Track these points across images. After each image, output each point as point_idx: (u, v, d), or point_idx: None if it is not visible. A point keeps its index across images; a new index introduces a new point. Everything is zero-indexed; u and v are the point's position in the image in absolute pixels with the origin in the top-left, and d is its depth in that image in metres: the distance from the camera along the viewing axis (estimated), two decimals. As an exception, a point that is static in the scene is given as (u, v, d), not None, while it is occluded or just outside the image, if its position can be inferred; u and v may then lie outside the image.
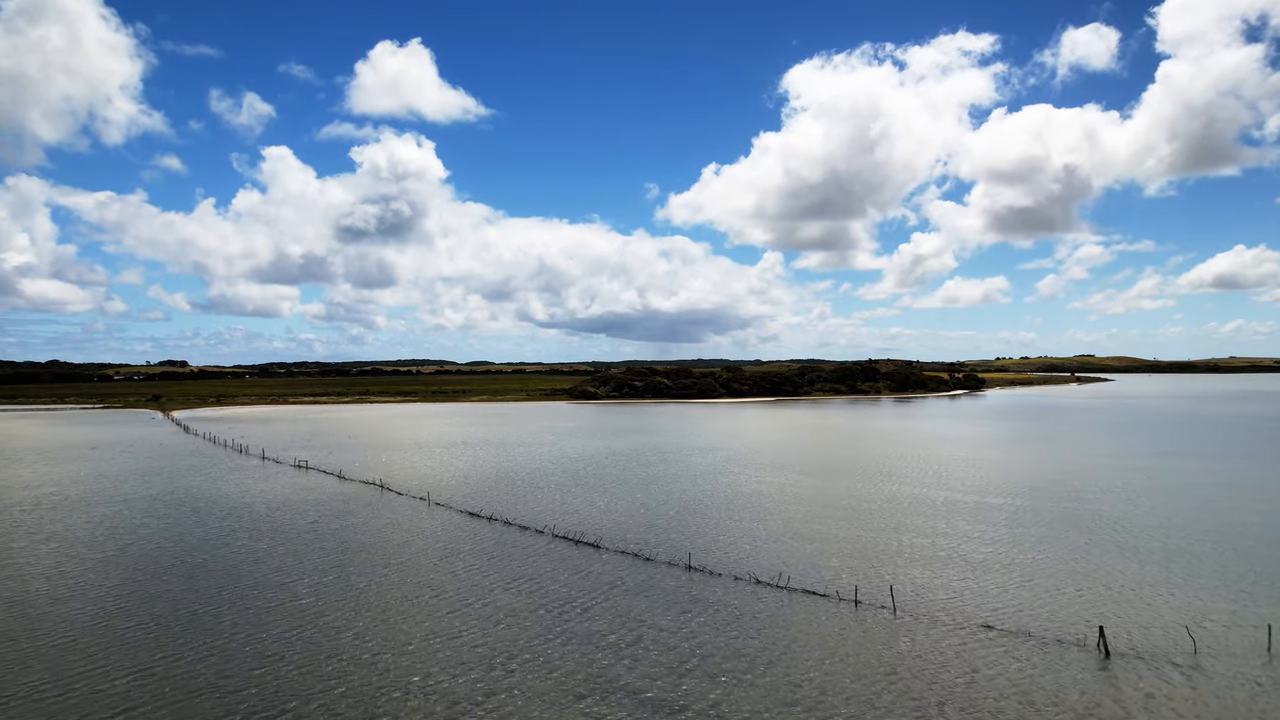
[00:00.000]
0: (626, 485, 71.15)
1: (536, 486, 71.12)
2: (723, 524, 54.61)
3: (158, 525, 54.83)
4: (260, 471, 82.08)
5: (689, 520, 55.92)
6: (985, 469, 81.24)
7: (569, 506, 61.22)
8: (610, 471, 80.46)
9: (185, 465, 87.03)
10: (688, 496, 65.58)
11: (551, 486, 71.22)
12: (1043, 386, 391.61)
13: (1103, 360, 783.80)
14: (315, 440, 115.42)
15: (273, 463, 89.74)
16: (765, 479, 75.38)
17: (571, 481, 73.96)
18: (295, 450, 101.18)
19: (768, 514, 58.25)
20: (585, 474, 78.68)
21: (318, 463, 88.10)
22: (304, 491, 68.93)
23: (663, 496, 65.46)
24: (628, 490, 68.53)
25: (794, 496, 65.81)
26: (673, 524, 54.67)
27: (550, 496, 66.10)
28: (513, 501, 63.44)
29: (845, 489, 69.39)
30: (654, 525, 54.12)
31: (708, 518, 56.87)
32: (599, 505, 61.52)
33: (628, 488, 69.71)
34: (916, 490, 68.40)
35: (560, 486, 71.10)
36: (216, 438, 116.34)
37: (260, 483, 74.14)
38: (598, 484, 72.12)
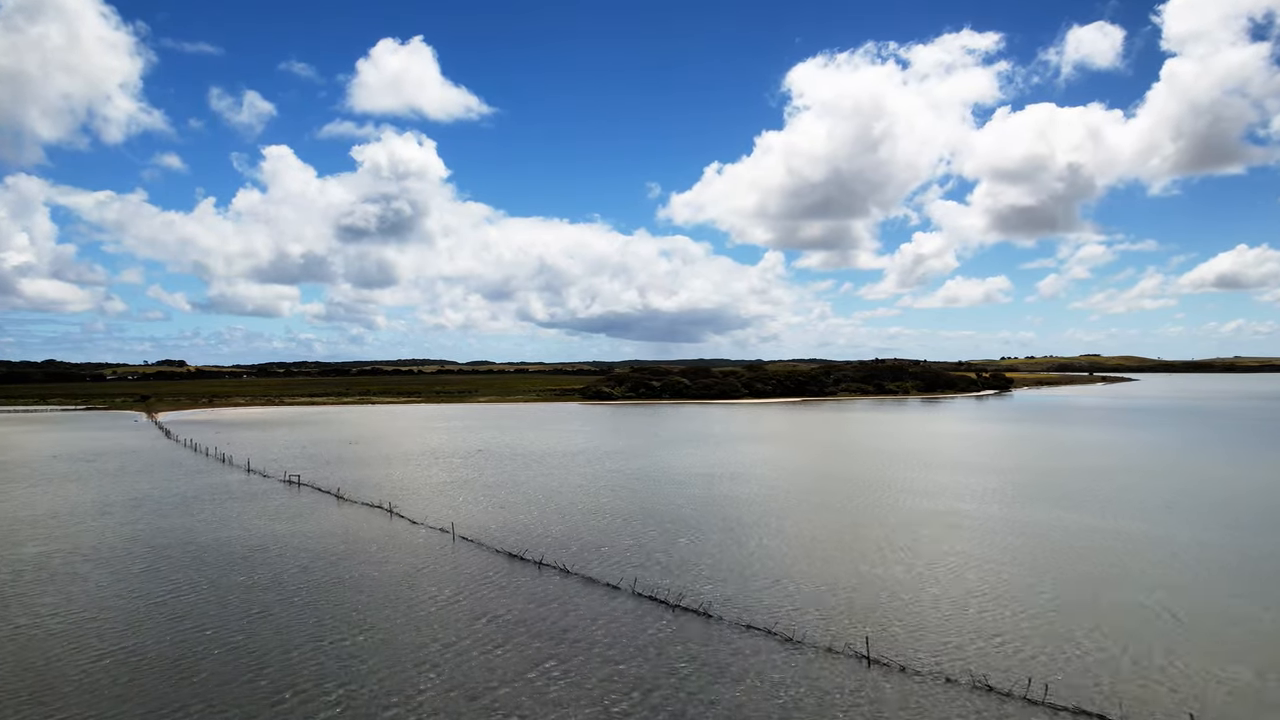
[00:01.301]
0: (715, 521, 54.22)
1: (590, 514, 56.65)
2: (912, 593, 40.34)
3: (88, 592, 40.57)
4: (243, 489, 67.86)
5: (832, 576, 41.62)
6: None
7: (643, 546, 46.85)
8: (682, 498, 64.96)
9: (153, 484, 72.79)
10: (818, 539, 50.61)
11: (607, 514, 56.81)
12: (1069, 386, 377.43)
13: (1109, 359, 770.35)
14: (311, 448, 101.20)
15: (259, 476, 75.50)
16: (940, 521, 61.05)
17: (636, 509, 59.37)
18: (287, 460, 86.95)
19: (998, 592, 43.96)
20: (652, 500, 63.16)
21: (313, 477, 73.87)
22: (294, 519, 54.68)
23: (776, 540, 49.19)
24: (721, 529, 51.63)
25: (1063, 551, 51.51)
26: (808, 580, 40.39)
27: (611, 529, 51.77)
28: (563, 537, 49.15)
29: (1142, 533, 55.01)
30: (779, 584, 39.78)
31: (863, 576, 42.57)
32: (686, 549, 47.12)
33: (718, 525, 52.89)
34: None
35: (621, 514, 56.63)
36: (199, 445, 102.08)
37: (240, 507, 59.87)
38: (670, 515, 57.31)
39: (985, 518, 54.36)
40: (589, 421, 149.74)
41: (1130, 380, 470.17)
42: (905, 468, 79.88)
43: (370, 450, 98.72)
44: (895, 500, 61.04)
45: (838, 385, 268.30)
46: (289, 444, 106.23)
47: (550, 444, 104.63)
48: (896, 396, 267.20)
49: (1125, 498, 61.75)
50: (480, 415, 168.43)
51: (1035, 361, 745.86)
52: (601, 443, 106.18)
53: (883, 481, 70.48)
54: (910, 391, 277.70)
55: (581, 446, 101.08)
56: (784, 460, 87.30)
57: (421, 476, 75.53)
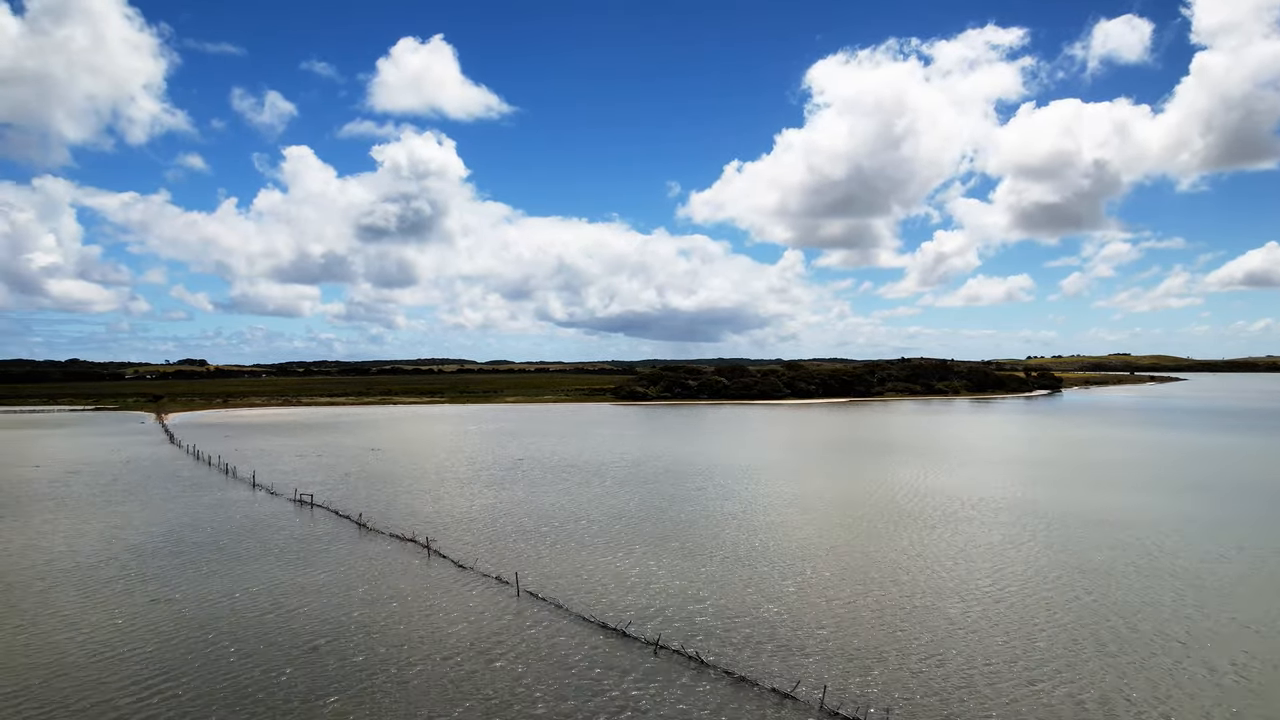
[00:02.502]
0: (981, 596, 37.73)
1: (712, 561, 43.29)
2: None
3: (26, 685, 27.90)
4: (246, 510, 55.24)
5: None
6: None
7: (839, 627, 33.53)
8: (885, 547, 46.42)
9: (135, 510, 60.39)
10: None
11: (737, 560, 43.47)
12: (1117, 386, 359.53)
13: (1141, 359, 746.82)
14: (328, 455, 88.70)
15: (265, 494, 62.94)
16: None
17: (796, 564, 46.13)
18: (300, 471, 74.48)
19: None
20: (839, 561, 45.02)
21: (329, 495, 61.19)
22: (302, 561, 41.86)
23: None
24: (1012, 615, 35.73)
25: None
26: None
27: (762, 588, 38.44)
28: (681, 598, 35.86)
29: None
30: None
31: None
32: (953, 651, 33.39)
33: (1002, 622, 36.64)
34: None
35: (765, 561, 43.37)
36: (202, 452, 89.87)
37: (236, 543, 47.18)
38: (874, 579, 43.46)
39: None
40: (630, 424, 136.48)
41: (1178, 380, 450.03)
42: (1146, 492, 65.93)
43: (395, 459, 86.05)
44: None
45: (883, 385, 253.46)
46: (303, 451, 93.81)
47: (601, 451, 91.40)
48: (945, 397, 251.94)
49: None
50: (509, 417, 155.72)
51: (1064, 361, 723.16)
52: (662, 450, 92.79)
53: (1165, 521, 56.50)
54: (960, 391, 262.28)
55: (639, 454, 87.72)
56: (969, 482, 73.56)
57: (460, 496, 62.56)
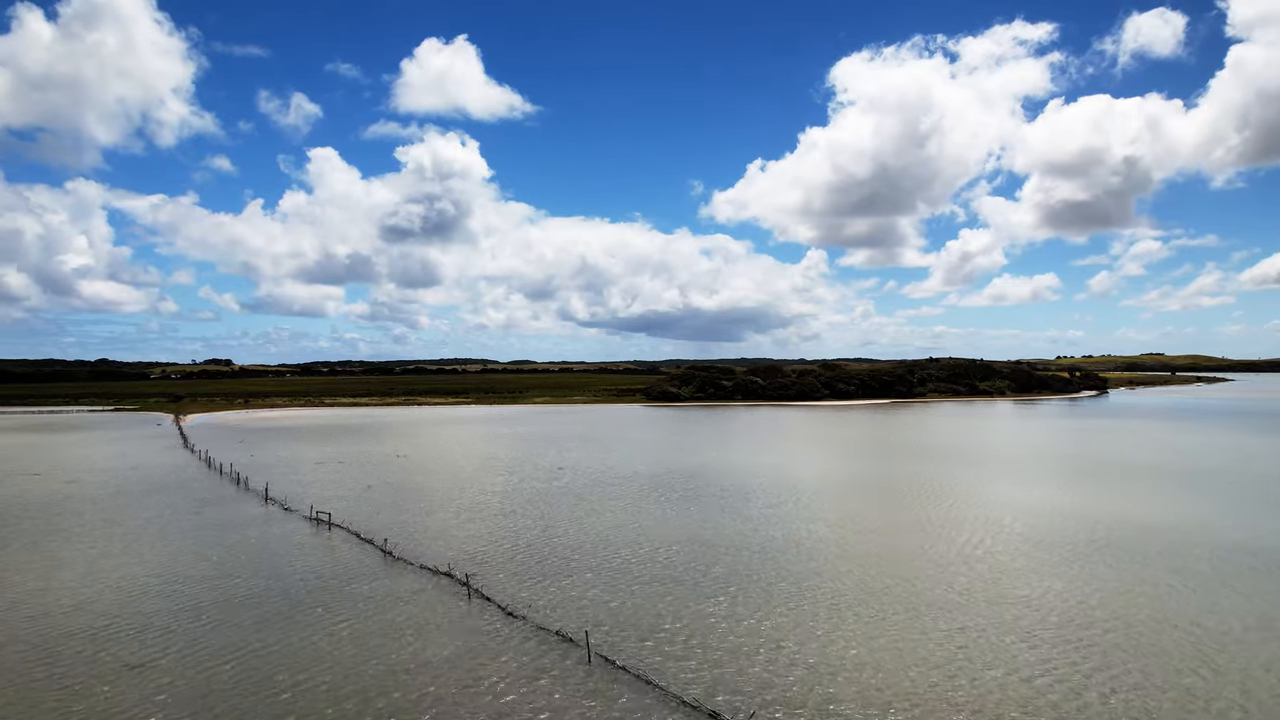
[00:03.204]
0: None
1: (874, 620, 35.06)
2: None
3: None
4: (256, 533, 47.77)
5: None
6: None
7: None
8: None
9: (132, 529, 53.23)
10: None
11: (856, 602, 35.18)
12: (1164, 387, 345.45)
13: (1176, 359, 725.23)
14: (349, 463, 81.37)
15: (278, 510, 55.52)
16: None
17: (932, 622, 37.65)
18: (319, 481, 67.12)
19: None
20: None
21: (350, 512, 53.63)
22: (321, 607, 34.12)
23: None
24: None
25: None
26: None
27: (908, 647, 30.12)
28: (822, 665, 27.63)
29: None
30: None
31: None
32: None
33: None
34: None
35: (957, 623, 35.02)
36: (214, 459, 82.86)
37: (245, 580, 39.59)
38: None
39: None
40: (668, 428, 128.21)
41: (1225, 380, 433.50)
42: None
43: (422, 468, 78.50)
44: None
45: (923, 385, 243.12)
46: (322, 458, 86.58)
47: (647, 459, 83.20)
48: (988, 398, 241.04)
49: None
50: (539, 419, 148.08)
51: (1096, 361, 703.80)
52: (714, 458, 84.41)
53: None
54: (1005, 393, 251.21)
55: (691, 462, 79.37)
56: (1092, 500, 64.75)
57: (499, 514, 54.68)
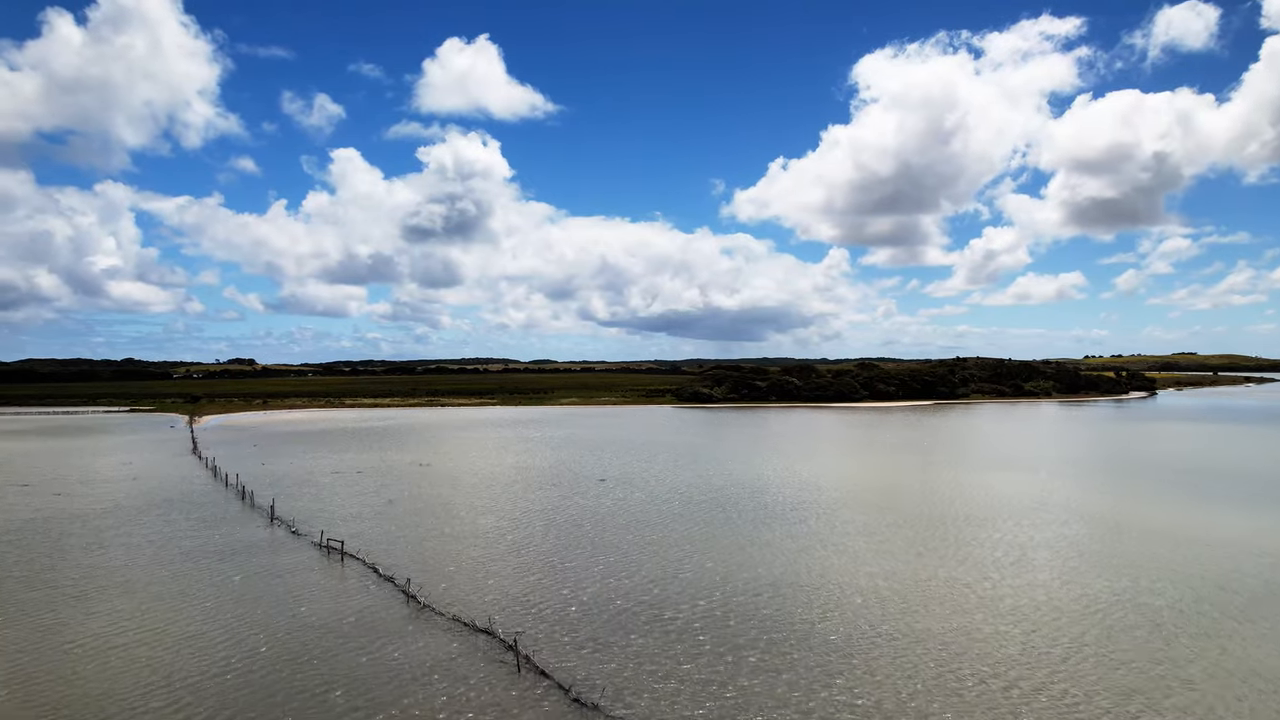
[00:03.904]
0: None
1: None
2: None
3: None
4: (257, 564, 39.94)
5: None
6: None
7: None
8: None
9: (116, 555, 45.70)
10: None
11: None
12: (1213, 388, 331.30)
13: (1211, 358, 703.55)
14: (368, 473, 73.69)
15: (285, 533, 47.76)
16: None
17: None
18: (333, 496, 59.40)
19: None
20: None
21: (366, 536, 45.71)
22: (325, 677, 26.01)
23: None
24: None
25: None
26: None
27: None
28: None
29: None
30: None
31: None
32: None
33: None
34: None
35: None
36: (221, 468, 75.47)
37: (238, 632, 31.67)
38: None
39: None
40: (709, 432, 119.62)
41: (1272, 380, 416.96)
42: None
43: (448, 478, 70.61)
44: None
45: (965, 385, 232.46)
46: (339, 466, 78.97)
47: (701, 470, 74.69)
48: (1034, 399, 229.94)
49: None
50: (568, 422, 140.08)
51: (1127, 360, 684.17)
52: (777, 468, 75.76)
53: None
54: (1051, 393, 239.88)
55: (751, 474, 70.74)
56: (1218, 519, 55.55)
57: (542, 543, 46.46)
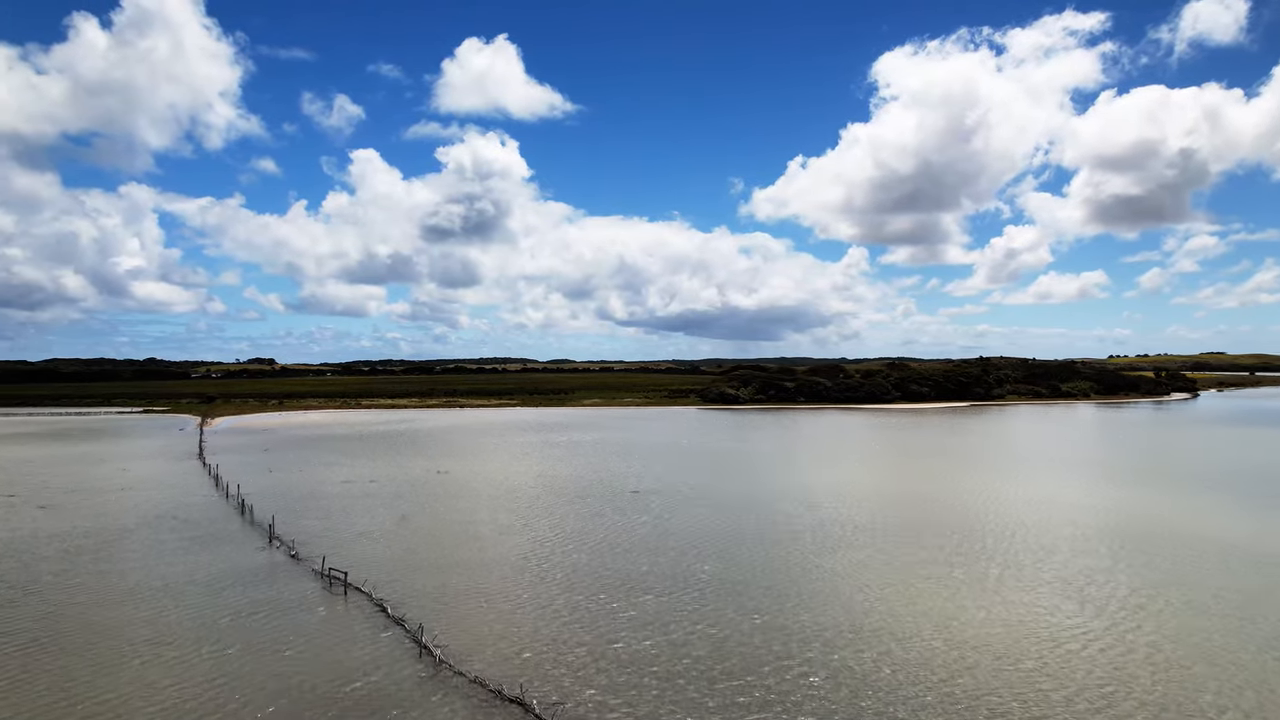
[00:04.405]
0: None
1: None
2: None
3: None
4: (247, 598, 34.19)
5: None
6: None
7: None
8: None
9: (94, 589, 40.18)
10: None
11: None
12: (1255, 389, 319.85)
13: (1244, 358, 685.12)
14: (382, 481, 68.05)
15: (283, 558, 42.05)
16: None
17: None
18: (343, 510, 53.71)
19: None
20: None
21: (375, 561, 39.86)
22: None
23: None
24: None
25: None
26: None
27: None
28: None
29: None
30: None
31: None
32: None
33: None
34: None
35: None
36: (223, 477, 70.12)
37: (221, 688, 25.77)
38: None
39: None
40: (744, 436, 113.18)
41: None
42: None
43: (468, 489, 64.75)
44: None
45: (1000, 386, 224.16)
46: (351, 474, 73.41)
47: (745, 480, 68.35)
48: (1072, 400, 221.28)
49: None
50: (593, 424, 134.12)
51: (1155, 360, 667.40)
52: (832, 478, 69.27)
53: None
54: (1089, 394, 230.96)
55: (802, 486, 64.28)
56: None
57: (578, 570, 40.35)
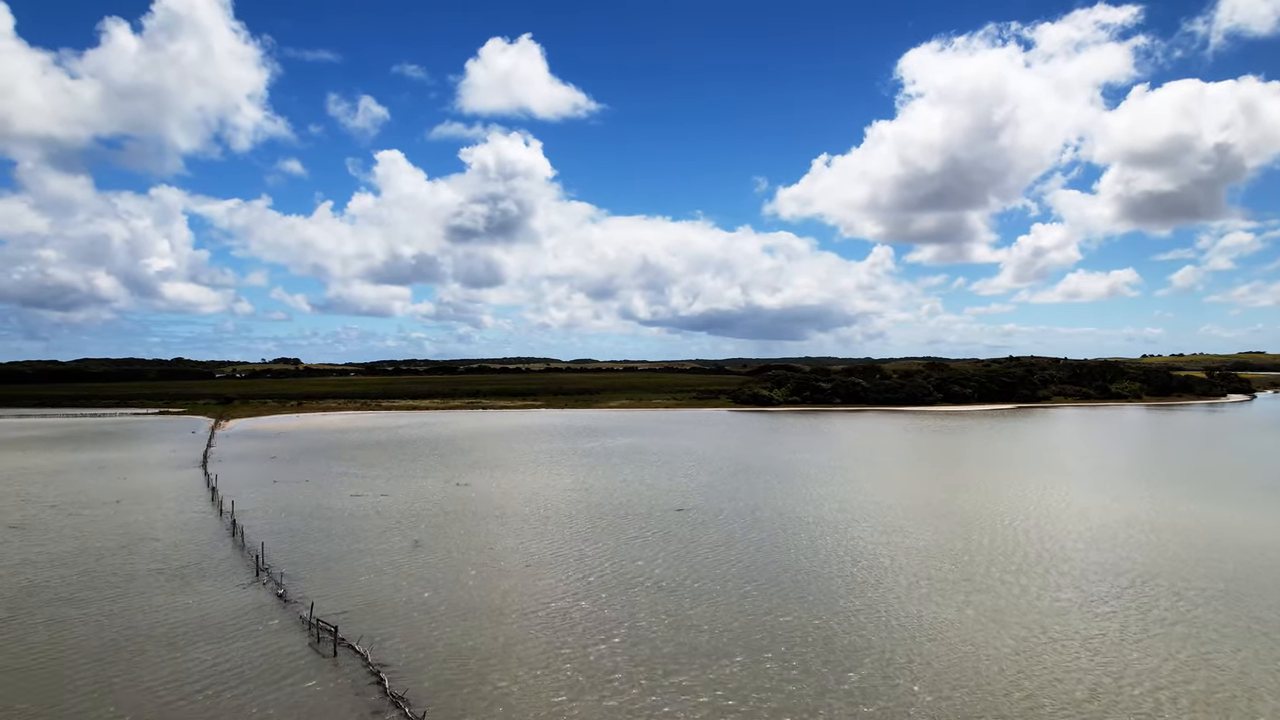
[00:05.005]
0: None
1: None
2: None
3: None
4: (210, 670, 26.89)
5: None
6: None
7: None
8: None
9: (28, 643, 33.05)
10: None
11: None
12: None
13: (1275, 357, 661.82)
14: (395, 497, 60.88)
15: (269, 597, 34.80)
16: None
17: None
18: (349, 531, 46.53)
19: None
20: None
21: (378, 607, 32.43)
22: None
23: None
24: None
25: None
26: None
27: None
28: None
29: None
30: None
31: None
32: None
33: None
34: None
35: None
36: (220, 490, 63.30)
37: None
38: None
39: None
40: (788, 441, 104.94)
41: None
42: None
43: (491, 506, 57.31)
44: None
45: (1046, 387, 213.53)
46: (363, 486, 66.33)
47: (804, 496, 60.29)
48: (1122, 402, 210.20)
49: None
50: (623, 428, 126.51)
51: (1189, 360, 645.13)
52: (905, 492, 60.98)
53: None
54: (1140, 396, 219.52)
55: (881, 505, 56.10)
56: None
57: (623, 622, 32.64)
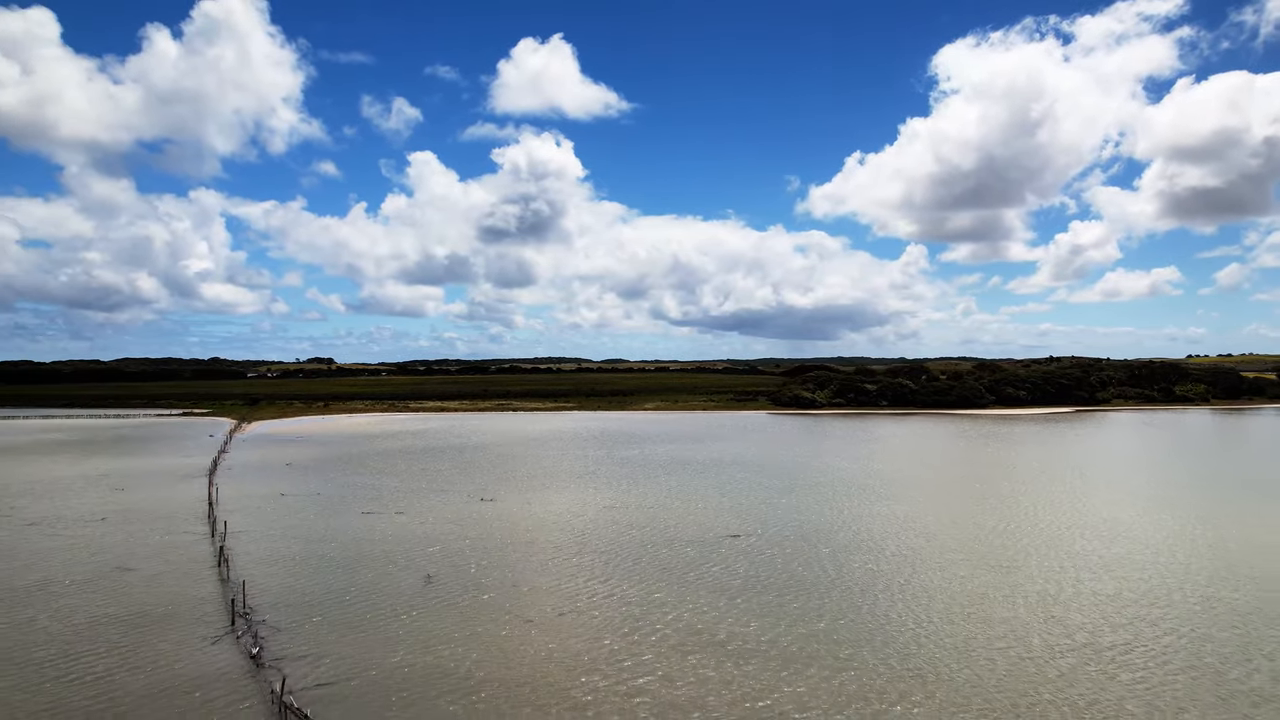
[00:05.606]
0: None
1: None
2: None
3: None
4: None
5: None
6: None
7: None
8: None
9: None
10: None
11: None
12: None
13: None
14: (410, 515, 54.11)
15: (240, 658, 27.93)
16: None
17: None
18: (348, 561, 39.77)
19: None
20: None
21: (364, 683, 25.35)
22: None
23: None
24: None
25: None
26: None
27: None
28: None
29: None
30: None
31: None
32: None
33: None
34: None
35: None
36: (218, 512, 57.20)
37: None
38: None
39: None
40: (839, 448, 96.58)
41: None
42: None
43: (518, 528, 50.24)
44: None
45: (1105, 389, 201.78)
46: (375, 504, 59.71)
47: (873, 513, 52.32)
48: (1187, 405, 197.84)
49: None
50: (660, 433, 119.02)
51: (1238, 360, 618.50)
52: (1002, 516, 52.79)
53: None
54: (1207, 399, 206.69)
55: (976, 534, 48.02)
56: None
57: (699, 708, 25.18)
